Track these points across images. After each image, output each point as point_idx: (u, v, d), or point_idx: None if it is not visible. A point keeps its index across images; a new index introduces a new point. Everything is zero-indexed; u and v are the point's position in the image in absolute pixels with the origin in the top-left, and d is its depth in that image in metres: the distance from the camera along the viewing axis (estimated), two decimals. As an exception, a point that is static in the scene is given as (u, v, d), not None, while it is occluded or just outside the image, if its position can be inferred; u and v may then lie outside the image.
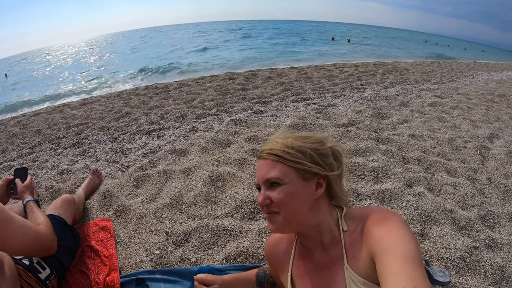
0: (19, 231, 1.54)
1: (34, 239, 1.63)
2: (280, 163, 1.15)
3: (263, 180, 1.17)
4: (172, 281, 2.08)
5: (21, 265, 1.74)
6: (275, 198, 1.13)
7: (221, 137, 4.45)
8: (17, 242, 1.53)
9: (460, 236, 2.40)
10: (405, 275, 0.87)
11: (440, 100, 6.89)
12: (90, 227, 2.66)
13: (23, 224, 1.58)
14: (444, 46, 49.57)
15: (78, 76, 22.41)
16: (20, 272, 1.69)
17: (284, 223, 1.16)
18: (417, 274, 0.87)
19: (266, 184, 1.17)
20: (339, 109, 5.90)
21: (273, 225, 1.18)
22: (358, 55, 23.52)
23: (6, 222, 1.48)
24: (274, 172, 1.14)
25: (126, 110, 6.69)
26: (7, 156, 4.83)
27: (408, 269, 0.88)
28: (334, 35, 45.22)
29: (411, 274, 0.87)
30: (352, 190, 2.96)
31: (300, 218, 1.16)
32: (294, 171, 1.14)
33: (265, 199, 1.15)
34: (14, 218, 1.53)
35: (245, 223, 2.61)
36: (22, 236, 1.55)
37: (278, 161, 1.15)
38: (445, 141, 4.27)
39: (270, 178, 1.14)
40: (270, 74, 10.15)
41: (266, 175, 1.16)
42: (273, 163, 1.16)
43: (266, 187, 1.17)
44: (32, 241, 1.62)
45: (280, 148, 1.16)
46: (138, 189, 3.29)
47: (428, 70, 11.81)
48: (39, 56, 61.08)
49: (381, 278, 0.93)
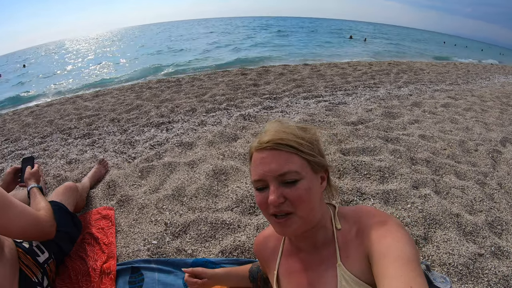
0: (18, 216, 1.57)
1: (33, 224, 1.66)
2: (295, 155, 1.02)
3: (275, 175, 1.01)
4: (166, 271, 2.09)
5: (21, 247, 1.78)
6: (293, 196, 1.00)
7: (229, 131, 4.45)
8: (16, 227, 1.57)
9: (465, 241, 2.33)
10: (402, 277, 0.84)
11: (454, 101, 6.76)
12: (92, 215, 2.70)
13: (22, 210, 1.61)
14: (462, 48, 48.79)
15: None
16: (20, 255, 1.73)
17: (300, 224, 1.03)
18: (414, 275, 0.84)
19: (278, 179, 1.01)
20: (349, 107, 5.85)
21: (288, 229, 1.04)
22: (373, 54, 23.30)
23: (6, 208, 1.51)
24: (292, 165, 1.00)
25: (137, 102, 6.74)
26: (19, 145, 4.91)
27: (405, 271, 0.85)
28: (352, 34, 44.88)
29: (407, 275, 0.84)
30: (356, 189, 2.92)
31: (313, 215, 1.06)
32: (307, 163, 1.04)
33: (280, 197, 0.99)
34: (14, 203, 1.56)
35: (244, 218, 2.61)
36: (22, 221, 1.59)
37: (292, 152, 1.02)
38: (456, 143, 4.18)
39: (286, 172, 1.00)
40: (283, 70, 10.10)
41: (280, 169, 1.00)
42: (286, 155, 1.02)
43: (277, 183, 1.01)
44: (31, 226, 1.64)
45: (292, 139, 1.03)
46: (142, 180, 3.32)
47: (444, 71, 11.61)
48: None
49: (378, 280, 0.90)
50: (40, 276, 1.77)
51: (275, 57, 19.20)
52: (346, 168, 3.28)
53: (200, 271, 1.58)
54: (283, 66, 11.29)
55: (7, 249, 1.65)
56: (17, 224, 1.56)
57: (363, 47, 29.94)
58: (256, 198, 1.07)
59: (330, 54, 22.06)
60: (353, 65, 11.62)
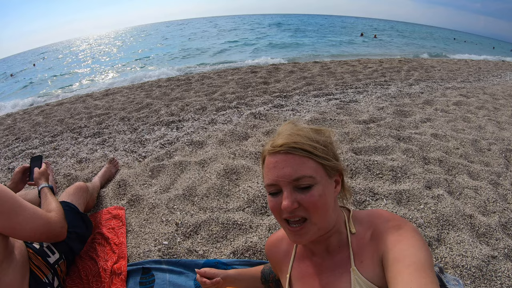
0: (29, 219, 1.57)
1: (44, 226, 1.66)
2: (309, 160, 1.00)
3: (289, 180, 0.99)
4: (177, 272, 2.08)
5: (32, 248, 1.79)
6: (307, 202, 0.98)
7: (239, 130, 4.44)
8: (27, 230, 1.57)
9: (478, 243, 2.29)
10: (414, 283, 0.83)
11: (466, 99, 6.68)
12: (102, 215, 2.70)
13: (33, 212, 1.61)
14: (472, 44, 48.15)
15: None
16: (30, 255, 1.74)
17: (314, 231, 1.03)
18: (425, 282, 0.83)
19: (292, 184, 0.99)
20: (360, 105, 5.80)
21: (303, 237, 1.03)
22: (383, 51, 23.15)
23: (16, 211, 1.51)
24: (306, 170, 0.99)
25: (147, 101, 6.77)
26: (29, 144, 4.95)
27: (418, 277, 0.84)
28: (363, 31, 44.60)
29: (419, 282, 0.83)
30: (368, 189, 2.88)
31: (328, 221, 1.05)
32: (322, 168, 1.02)
33: (294, 202, 0.98)
34: (24, 206, 1.56)
35: (256, 218, 2.59)
36: (32, 224, 1.59)
37: (306, 157, 1.00)
38: (469, 142, 4.11)
39: (300, 177, 0.98)
40: (293, 68, 10.07)
41: (294, 174, 0.98)
42: (300, 159, 1.00)
43: (291, 188, 1.00)
44: (42, 228, 1.65)
45: (307, 142, 1.01)
46: (153, 179, 3.32)
47: (455, 68, 11.47)
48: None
49: (390, 286, 0.90)
50: (50, 277, 1.78)
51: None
52: (358, 167, 3.24)
53: (213, 272, 1.57)
54: (293, 64, 11.26)
55: (17, 250, 1.66)
56: (28, 227, 1.56)
57: (373, 44, 29.75)
58: (269, 203, 1.06)
59: (341, 51, 22.07)
60: (364, 63, 11.55)
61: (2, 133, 6.14)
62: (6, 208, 1.46)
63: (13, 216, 1.49)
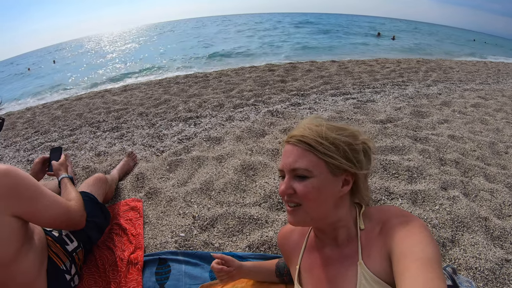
0: (50, 206, 1.59)
1: (64, 214, 1.68)
2: (311, 154, 1.06)
3: (289, 168, 1.08)
4: (193, 264, 2.10)
5: (51, 236, 1.82)
6: (300, 190, 1.06)
7: (257, 127, 4.45)
8: (47, 216, 1.59)
9: (493, 246, 2.25)
10: (420, 278, 0.84)
11: (484, 101, 6.54)
12: (121, 206, 2.74)
13: (53, 200, 1.63)
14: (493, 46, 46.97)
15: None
16: (49, 243, 1.77)
17: (306, 218, 1.10)
18: (432, 277, 0.84)
19: (292, 173, 1.08)
20: (378, 105, 5.75)
21: (293, 218, 1.12)
22: (401, 51, 22.81)
23: (37, 197, 1.54)
24: (303, 163, 1.05)
25: (165, 97, 6.82)
26: (48, 137, 5.05)
27: (424, 271, 0.86)
28: (380, 31, 43.96)
29: (426, 277, 0.84)
30: (384, 188, 2.87)
31: (322, 213, 1.10)
32: (324, 164, 1.05)
33: (288, 188, 1.08)
34: (45, 193, 1.59)
35: (272, 213, 2.59)
36: (53, 211, 1.61)
37: (308, 150, 1.06)
38: (486, 145, 4.04)
39: (297, 168, 1.06)
40: (310, 67, 10.02)
41: (293, 164, 1.07)
42: (303, 152, 1.06)
43: (291, 176, 1.09)
44: (62, 216, 1.67)
45: (313, 137, 1.06)
46: (170, 173, 3.35)
47: (473, 70, 11.23)
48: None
49: (397, 280, 0.91)
50: (68, 264, 1.81)
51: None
52: (375, 167, 3.23)
53: (229, 258, 1.59)
54: (310, 63, 11.19)
55: (37, 236, 1.69)
56: (48, 213, 1.59)
57: (391, 44, 29.38)
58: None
59: (358, 51, 21.81)
60: (381, 63, 11.42)
61: (21, 126, 6.27)
62: (29, 194, 1.49)
63: (35, 202, 1.52)
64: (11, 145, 5.03)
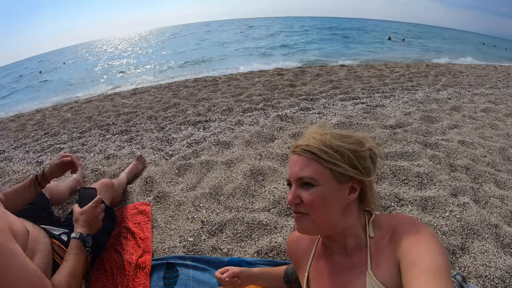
0: (19, 280, 1.29)
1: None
2: (316, 162, 1.07)
3: (295, 178, 1.10)
4: (201, 269, 2.09)
5: (59, 240, 1.81)
6: (306, 199, 1.07)
7: (266, 131, 4.44)
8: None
9: (503, 254, 2.21)
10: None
11: (494, 106, 6.46)
12: (129, 210, 2.74)
13: (25, 275, 1.32)
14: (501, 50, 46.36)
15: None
16: (57, 248, 1.76)
17: (313, 226, 1.11)
18: (441, 287, 0.84)
19: (298, 182, 1.10)
20: (387, 110, 5.71)
21: (300, 226, 1.13)
22: (411, 55, 22.65)
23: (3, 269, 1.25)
24: (308, 172, 1.07)
25: (174, 101, 6.85)
26: (58, 139, 5.10)
27: (433, 281, 0.86)
28: (390, 35, 43.74)
29: (435, 286, 0.84)
30: (394, 195, 2.83)
31: (329, 222, 1.11)
32: (329, 172, 1.07)
33: (295, 198, 1.10)
34: (14, 264, 1.29)
35: (281, 219, 2.58)
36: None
37: (313, 159, 1.08)
38: (496, 150, 3.98)
39: (303, 177, 1.08)
40: (319, 71, 9.98)
41: (299, 173, 1.09)
42: (308, 161, 1.09)
43: (298, 185, 1.11)
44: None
45: (317, 146, 1.08)
46: (179, 177, 3.35)
47: (483, 74, 11.12)
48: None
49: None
50: None
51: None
52: (384, 172, 3.20)
53: (238, 272, 1.58)
54: (319, 67, 11.17)
55: (42, 240, 1.67)
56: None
57: (401, 48, 29.19)
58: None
59: (368, 55, 21.72)
60: (391, 67, 11.35)
61: (31, 128, 6.35)
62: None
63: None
64: (21, 146, 5.09)
